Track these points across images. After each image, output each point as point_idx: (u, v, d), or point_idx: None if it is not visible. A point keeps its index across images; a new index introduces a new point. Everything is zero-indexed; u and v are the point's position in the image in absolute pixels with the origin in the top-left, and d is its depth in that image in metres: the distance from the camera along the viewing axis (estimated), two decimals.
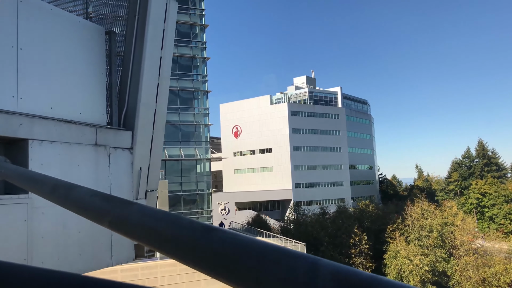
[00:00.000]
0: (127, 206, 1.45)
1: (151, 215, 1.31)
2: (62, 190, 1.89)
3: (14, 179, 2.65)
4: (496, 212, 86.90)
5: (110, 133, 5.82)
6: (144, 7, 6.18)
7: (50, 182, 2.05)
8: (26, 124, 4.69)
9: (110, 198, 1.57)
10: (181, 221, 1.18)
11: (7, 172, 2.83)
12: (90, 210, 1.62)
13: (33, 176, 2.29)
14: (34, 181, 2.19)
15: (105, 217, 1.49)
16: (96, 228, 5.37)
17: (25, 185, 2.38)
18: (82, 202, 1.68)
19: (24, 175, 2.43)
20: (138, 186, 6.25)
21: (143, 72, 6.16)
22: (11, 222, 4.46)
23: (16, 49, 4.83)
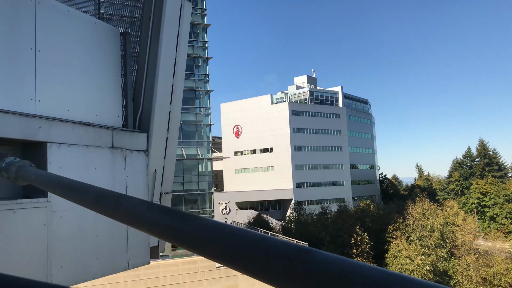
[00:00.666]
0: (190, 220, 1.41)
1: (221, 230, 1.27)
2: (110, 201, 1.84)
3: (46, 185, 2.59)
4: (497, 211, 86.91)
5: (126, 135, 5.77)
6: (159, 8, 6.14)
7: (93, 191, 2.00)
8: (44, 127, 4.64)
9: (167, 210, 1.52)
10: (264, 240, 1.14)
11: (38, 178, 2.77)
12: (146, 223, 1.58)
13: (71, 184, 2.23)
14: (74, 190, 2.14)
15: (166, 231, 1.44)
16: (113, 232, 5.34)
17: (61, 192, 2.32)
18: (136, 215, 1.64)
19: (60, 183, 2.37)
20: (153, 188, 6.21)
21: (158, 74, 6.11)
22: (31, 226, 4.42)
23: (34, 51, 4.78)
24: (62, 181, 2.40)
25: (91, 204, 1.99)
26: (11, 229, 4.23)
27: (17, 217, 4.29)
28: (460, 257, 57.86)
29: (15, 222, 4.28)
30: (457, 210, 68.80)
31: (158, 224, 1.51)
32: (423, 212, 61.73)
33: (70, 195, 2.20)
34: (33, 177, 2.89)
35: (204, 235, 1.29)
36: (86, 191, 2.04)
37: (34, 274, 4.40)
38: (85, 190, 2.06)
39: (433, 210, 62.40)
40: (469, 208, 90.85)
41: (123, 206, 1.75)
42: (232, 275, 37.38)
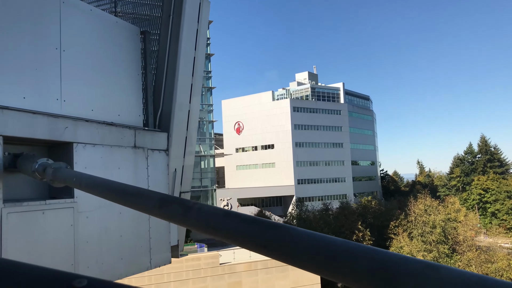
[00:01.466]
0: (282, 229, 1.39)
1: (319, 240, 1.25)
2: (177, 207, 1.82)
3: (94, 189, 2.57)
4: (499, 207, 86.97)
5: (148, 135, 5.76)
6: (178, 6, 6.11)
7: (155, 196, 1.99)
8: (70, 127, 4.63)
9: (251, 220, 1.51)
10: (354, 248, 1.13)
11: (83, 181, 2.74)
12: (225, 232, 1.56)
13: (125, 189, 2.21)
14: (131, 195, 2.12)
15: (252, 241, 1.43)
16: (136, 232, 5.34)
17: (114, 197, 2.30)
18: (212, 223, 1.62)
19: (111, 186, 2.34)
20: (173, 187, 6.20)
21: (178, 73, 6.09)
22: (58, 226, 4.41)
23: (60, 51, 4.76)
24: (113, 185, 2.37)
25: (152, 209, 1.97)
26: (40, 230, 4.22)
27: (46, 218, 4.28)
28: (462, 253, 57.95)
29: (44, 223, 4.27)
30: (458, 206, 68.79)
31: (241, 233, 1.49)
32: (425, 209, 61.74)
33: (125, 199, 2.18)
34: (74, 180, 2.86)
35: (301, 246, 1.27)
36: (146, 196, 2.02)
37: None
38: (144, 195, 2.04)
39: (435, 206, 62.42)
40: (471, 204, 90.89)
41: (193, 213, 1.73)
42: (236, 272, 37.42)
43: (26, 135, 4.17)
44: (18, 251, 3.98)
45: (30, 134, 4.21)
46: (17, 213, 4.00)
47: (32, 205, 4.16)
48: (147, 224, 5.58)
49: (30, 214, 4.13)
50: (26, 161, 3.90)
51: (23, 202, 4.11)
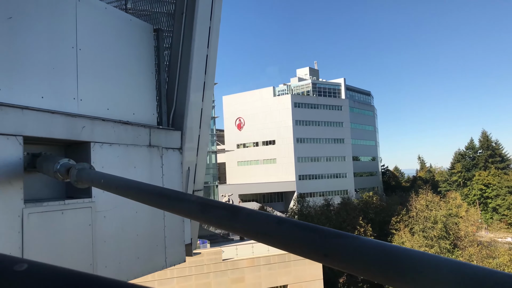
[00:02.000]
0: (337, 237, 1.37)
1: (389, 251, 1.23)
2: (223, 212, 1.80)
3: (126, 191, 2.54)
4: (500, 203, 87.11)
5: (162, 133, 5.74)
6: (191, 4, 6.06)
7: (196, 200, 1.96)
8: (88, 127, 4.61)
9: (303, 226, 1.49)
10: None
11: (112, 183, 2.71)
12: (280, 239, 1.54)
13: (162, 192, 2.18)
14: (171, 198, 2.09)
15: (312, 250, 1.41)
16: (152, 231, 5.33)
17: (149, 200, 2.27)
18: (264, 230, 1.60)
19: (145, 189, 2.31)
20: (187, 186, 6.18)
21: (191, 71, 6.06)
22: (77, 226, 4.40)
23: (76, 50, 4.73)
24: (148, 188, 2.34)
25: (194, 213, 1.95)
26: (59, 229, 4.21)
27: (65, 217, 4.27)
28: (463, 249, 58.02)
29: (63, 223, 4.25)
30: (460, 202, 68.85)
31: (298, 242, 1.47)
32: (427, 204, 61.78)
33: (163, 203, 2.15)
34: (103, 182, 2.84)
35: (369, 256, 1.25)
36: (186, 200, 2.00)
37: None
38: (184, 199, 2.01)
39: (436, 202, 62.46)
40: (472, 200, 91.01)
41: (241, 219, 1.70)
42: (238, 268, 37.51)
43: (45, 135, 4.15)
44: (38, 251, 3.97)
45: (49, 134, 4.18)
46: (37, 213, 3.99)
47: (51, 205, 4.15)
48: (162, 223, 5.57)
49: (49, 214, 4.12)
50: (47, 162, 3.88)
51: (43, 202, 4.10)
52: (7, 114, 3.79)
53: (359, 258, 1.28)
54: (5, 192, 3.72)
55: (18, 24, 4.12)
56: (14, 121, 3.84)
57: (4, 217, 3.69)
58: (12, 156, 3.79)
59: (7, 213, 3.72)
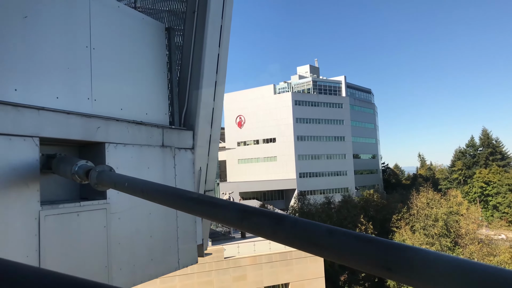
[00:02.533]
0: (400, 250, 1.32)
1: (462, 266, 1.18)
2: (264, 219, 1.74)
3: (157, 197, 2.47)
4: (500, 200, 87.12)
5: (175, 133, 5.68)
6: (203, 2, 5.99)
7: (234, 207, 1.91)
8: (102, 127, 4.55)
9: (359, 237, 1.43)
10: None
11: (140, 188, 2.64)
12: (333, 251, 1.48)
13: (196, 198, 2.12)
14: (207, 204, 2.03)
15: (372, 262, 1.35)
16: (165, 232, 5.28)
17: (183, 206, 2.21)
18: (314, 239, 1.54)
19: (176, 194, 2.25)
20: (198, 186, 6.13)
21: (203, 70, 6.00)
22: (92, 228, 4.35)
23: (90, 49, 4.67)
24: (181, 194, 2.28)
25: (233, 221, 1.89)
26: (74, 232, 4.16)
27: (80, 219, 4.22)
28: (464, 246, 58.06)
29: (78, 225, 4.20)
30: (461, 200, 68.86)
31: (355, 254, 1.41)
32: (427, 202, 61.77)
33: (197, 209, 2.09)
34: (126, 185, 2.77)
35: (441, 271, 1.19)
36: (224, 206, 1.94)
37: (97, 278, 4.34)
38: (222, 206, 1.95)
39: (437, 199, 62.44)
40: (472, 197, 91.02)
41: (286, 228, 1.65)
42: (240, 266, 37.48)
43: (61, 136, 4.09)
44: (54, 254, 3.92)
45: (65, 135, 4.13)
46: (53, 215, 3.93)
47: (67, 207, 4.10)
48: (175, 224, 5.52)
49: (65, 216, 4.07)
50: (63, 163, 3.83)
51: (59, 204, 4.04)
52: (23, 115, 3.73)
53: (431, 273, 1.22)
54: (22, 194, 3.67)
55: (33, 23, 4.06)
56: (30, 122, 3.78)
57: (21, 220, 3.64)
58: (29, 157, 3.74)
59: (24, 215, 3.67)
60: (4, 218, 3.48)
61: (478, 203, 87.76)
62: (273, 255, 38.53)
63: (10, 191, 3.56)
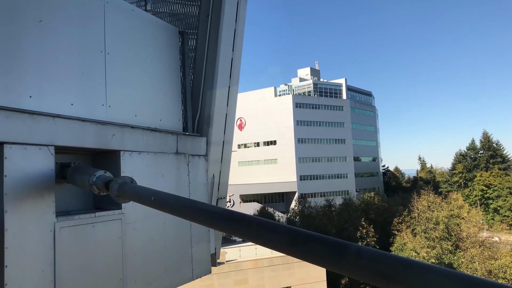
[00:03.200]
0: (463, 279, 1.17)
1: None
2: (320, 247, 1.59)
3: (191, 214, 2.31)
4: (501, 204, 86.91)
5: (189, 140, 5.53)
6: (217, 6, 5.86)
7: (282, 230, 1.76)
8: (117, 135, 4.40)
9: (446, 273, 1.28)
10: None
11: (169, 203, 2.48)
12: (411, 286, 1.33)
13: (231, 215, 1.97)
14: (251, 225, 1.88)
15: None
16: (179, 242, 5.12)
17: (223, 226, 2.05)
18: (383, 272, 1.39)
19: (218, 213, 2.08)
20: (211, 194, 5.98)
21: (217, 75, 5.86)
22: (107, 239, 4.19)
23: (104, 54, 4.52)
24: (213, 210, 2.13)
25: (283, 245, 1.74)
26: (90, 243, 4.00)
27: (95, 231, 4.06)
28: (465, 250, 57.87)
29: (94, 236, 4.05)
30: (462, 203, 68.69)
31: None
32: (428, 205, 61.62)
33: (237, 229, 1.94)
34: (153, 199, 2.62)
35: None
36: (271, 229, 1.79)
37: None
38: (270, 228, 1.80)
39: (438, 202, 62.29)
40: (473, 200, 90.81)
41: (351, 258, 1.49)
42: (242, 269, 37.29)
43: (76, 144, 3.94)
44: (69, 267, 3.76)
45: (80, 143, 3.98)
46: (69, 227, 3.78)
47: (82, 218, 3.94)
48: (189, 233, 5.37)
49: (81, 228, 3.91)
50: (80, 173, 3.67)
51: (74, 215, 3.89)
52: (39, 123, 3.59)
53: None
54: (38, 205, 3.52)
55: (49, 27, 3.92)
56: (46, 130, 3.64)
57: (37, 232, 3.49)
58: (44, 167, 3.59)
59: (39, 228, 3.51)
60: (19, 231, 3.33)
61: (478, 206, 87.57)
62: (275, 258, 38.34)
63: (25, 203, 3.41)
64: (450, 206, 63.88)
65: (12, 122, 3.36)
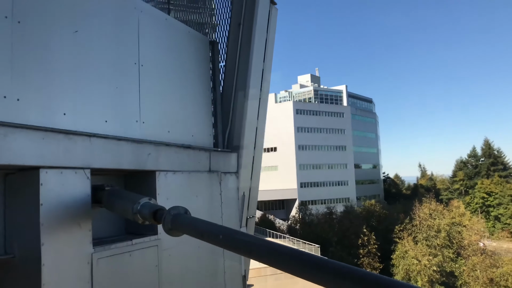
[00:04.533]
0: None
1: None
2: None
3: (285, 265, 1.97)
4: (502, 211, 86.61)
5: (221, 156, 5.19)
6: (249, 14, 5.55)
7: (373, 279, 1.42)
8: (153, 154, 4.06)
9: None
10: None
11: (250, 247, 2.11)
12: None
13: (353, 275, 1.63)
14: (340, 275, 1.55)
15: None
16: (212, 267, 4.77)
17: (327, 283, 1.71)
18: None
19: (319, 264, 1.74)
20: (242, 213, 5.64)
21: (249, 87, 5.53)
22: (144, 268, 3.84)
23: (138, 66, 4.19)
24: (309, 259, 1.80)
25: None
26: (126, 274, 3.65)
27: (132, 259, 3.71)
28: (466, 258, 57.55)
29: (131, 266, 3.70)
30: (463, 210, 68.44)
31: None
32: (430, 213, 61.35)
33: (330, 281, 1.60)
34: (221, 238, 2.27)
35: None
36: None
37: None
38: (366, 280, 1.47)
39: (440, 210, 62.05)
40: (474, 208, 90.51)
41: None
42: None
43: (112, 165, 3.60)
44: None
45: (116, 165, 3.64)
46: (106, 257, 3.43)
47: (119, 246, 3.59)
48: (222, 256, 5.02)
49: (118, 258, 3.56)
50: (120, 199, 3.31)
51: (110, 244, 3.54)
52: (75, 144, 3.24)
53: None
54: (74, 235, 3.17)
55: (84, 38, 3.59)
56: (82, 151, 3.30)
57: (74, 265, 3.14)
58: (81, 192, 3.25)
59: (77, 260, 3.16)
60: (56, 265, 2.98)
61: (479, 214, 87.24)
62: None
63: (61, 233, 3.07)
64: (451, 214, 63.61)
65: (47, 144, 3.03)
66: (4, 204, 3.08)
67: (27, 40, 3.10)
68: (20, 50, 3.04)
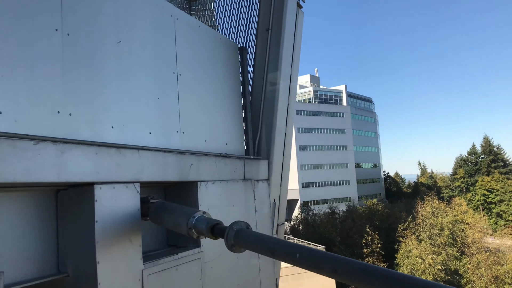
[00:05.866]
0: None
1: None
2: None
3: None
4: (504, 208, 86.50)
5: (254, 164, 5.12)
6: (278, 19, 5.47)
7: None
8: (195, 164, 3.99)
9: None
10: None
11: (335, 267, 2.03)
12: None
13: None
14: None
15: None
16: (249, 277, 4.69)
17: None
18: None
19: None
20: (273, 220, 5.56)
21: (278, 93, 5.46)
22: (188, 282, 3.76)
23: (176, 76, 4.12)
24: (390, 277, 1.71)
25: None
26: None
27: (179, 274, 3.64)
28: (470, 256, 57.39)
29: (177, 280, 3.63)
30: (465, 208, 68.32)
31: None
32: (432, 211, 61.20)
33: None
34: (298, 257, 2.18)
35: None
36: None
37: None
38: None
39: (442, 208, 61.89)
40: (475, 205, 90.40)
41: None
42: None
43: (160, 178, 3.53)
44: None
45: (163, 177, 3.57)
46: (155, 273, 3.36)
47: (167, 261, 3.52)
48: (257, 265, 4.94)
49: (166, 273, 3.49)
50: (171, 213, 3.21)
51: (159, 259, 3.46)
52: (125, 158, 3.17)
53: None
54: (126, 252, 3.09)
55: (126, 48, 3.52)
56: (131, 165, 3.22)
57: (127, 283, 3.06)
58: (131, 208, 3.18)
59: (130, 277, 3.09)
60: (110, 283, 2.90)
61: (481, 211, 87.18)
62: (284, 269, 37.73)
63: (115, 250, 2.99)
64: (454, 211, 63.48)
65: (100, 159, 2.95)
66: (56, 220, 3.00)
67: (76, 52, 3.03)
68: (70, 63, 2.96)
